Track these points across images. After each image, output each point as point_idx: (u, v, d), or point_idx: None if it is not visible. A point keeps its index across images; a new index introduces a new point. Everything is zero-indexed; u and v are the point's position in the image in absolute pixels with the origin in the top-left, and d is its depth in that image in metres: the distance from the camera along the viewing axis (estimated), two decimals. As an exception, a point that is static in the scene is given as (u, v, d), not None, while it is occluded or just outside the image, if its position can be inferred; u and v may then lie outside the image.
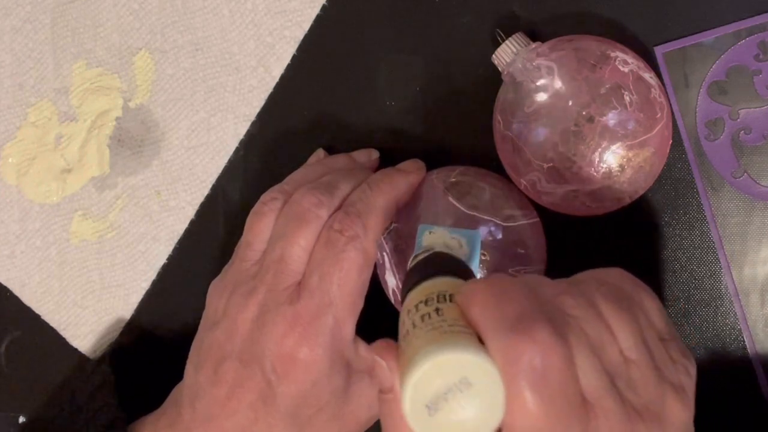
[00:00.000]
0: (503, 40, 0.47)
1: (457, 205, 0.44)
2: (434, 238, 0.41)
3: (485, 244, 0.44)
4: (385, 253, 0.45)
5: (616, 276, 0.39)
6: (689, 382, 0.38)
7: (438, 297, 0.35)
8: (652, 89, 0.45)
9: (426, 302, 0.35)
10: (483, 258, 0.44)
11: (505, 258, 0.44)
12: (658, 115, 0.45)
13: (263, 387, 0.43)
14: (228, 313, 0.45)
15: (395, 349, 0.34)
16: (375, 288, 0.46)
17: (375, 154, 0.51)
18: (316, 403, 0.44)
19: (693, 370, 0.39)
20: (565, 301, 0.35)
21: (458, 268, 0.37)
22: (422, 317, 0.34)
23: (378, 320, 0.45)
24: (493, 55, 0.47)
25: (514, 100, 0.46)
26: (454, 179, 0.46)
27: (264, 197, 0.47)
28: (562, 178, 0.45)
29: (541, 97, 0.45)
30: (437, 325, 0.33)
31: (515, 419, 0.32)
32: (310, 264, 0.44)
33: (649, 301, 0.39)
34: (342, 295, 0.43)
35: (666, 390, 0.36)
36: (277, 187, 0.48)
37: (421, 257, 0.39)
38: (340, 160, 0.50)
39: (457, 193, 0.45)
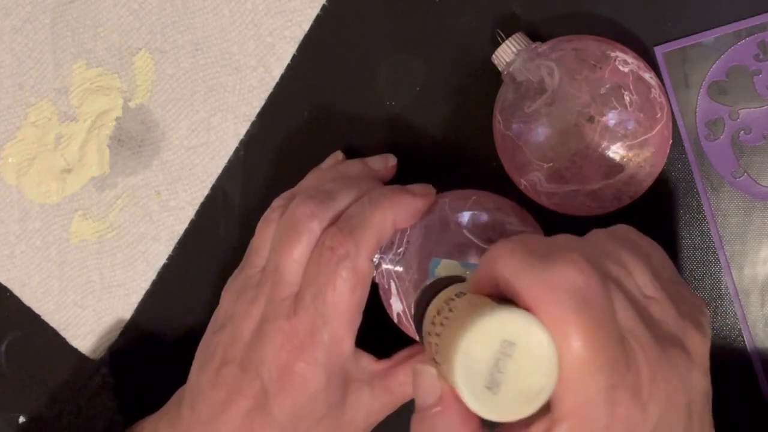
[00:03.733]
0: (503, 40, 0.47)
1: (473, 239, 0.43)
2: (448, 271, 0.40)
3: None
4: (392, 280, 0.44)
5: (623, 229, 0.40)
6: (705, 319, 0.39)
7: (449, 300, 0.34)
8: (652, 89, 0.45)
9: (439, 312, 0.34)
10: None
11: None
12: (658, 115, 0.45)
13: (260, 395, 0.43)
14: (234, 318, 0.45)
15: (433, 363, 0.34)
16: (376, 292, 0.45)
17: (392, 161, 0.49)
18: (313, 415, 0.43)
19: (706, 310, 0.40)
20: (581, 246, 0.35)
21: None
22: (441, 323, 0.33)
23: (379, 331, 0.45)
24: (493, 55, 0.47)
25: (514, 100, 0.46)
26: (468, 210, 0.45)
27: (274, 203, 0.47)
28: (562, 178, 0.45)
29: (541, 97, 0.45)
30: (455, 318, 0.32)
31: (566, 354, 0.30)
32: (304, 279, 0.43)
33: (657, 250, 0.40)
34: (336, 314, 0.42)
35: (685, 324, 0.37)
36: (286, 192, 0.47)
37: (429, 282, 0.38)
38: (353, 166, 0.48)
39: (473, 225, 0.44)
